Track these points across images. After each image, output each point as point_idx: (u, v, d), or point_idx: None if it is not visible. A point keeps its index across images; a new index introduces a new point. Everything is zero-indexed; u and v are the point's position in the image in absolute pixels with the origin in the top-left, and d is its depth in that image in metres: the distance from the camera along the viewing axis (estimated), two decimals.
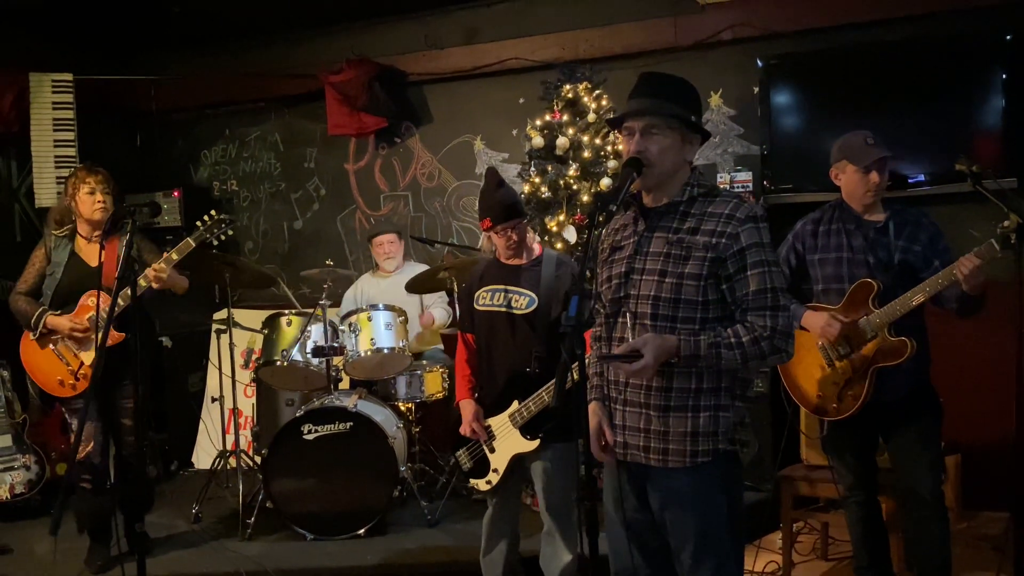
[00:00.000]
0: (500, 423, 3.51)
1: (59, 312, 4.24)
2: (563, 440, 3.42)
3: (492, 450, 3.54)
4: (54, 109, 6.02)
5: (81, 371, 4.27)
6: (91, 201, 4.23)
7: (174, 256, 4.25)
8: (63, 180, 5.94)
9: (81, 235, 4.34)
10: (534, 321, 3.45)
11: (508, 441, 3.49)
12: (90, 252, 4.29)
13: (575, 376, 2.31)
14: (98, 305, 4.03)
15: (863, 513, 3.62)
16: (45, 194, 6.04)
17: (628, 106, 2.53)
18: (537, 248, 3.62)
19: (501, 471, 3.52)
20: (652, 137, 2.45)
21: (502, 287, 3.54)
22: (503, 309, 3.51)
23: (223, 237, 4.42)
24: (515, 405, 3.45)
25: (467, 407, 3.57)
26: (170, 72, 6.88)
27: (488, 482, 3.57)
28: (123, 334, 4.15)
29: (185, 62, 6.94)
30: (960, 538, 3.99)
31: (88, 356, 4.26)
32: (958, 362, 4.01)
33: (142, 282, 4.12)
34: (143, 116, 7.04)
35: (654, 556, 2.60)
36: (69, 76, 6.06)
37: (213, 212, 4.41)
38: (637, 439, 2.48)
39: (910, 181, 4.86)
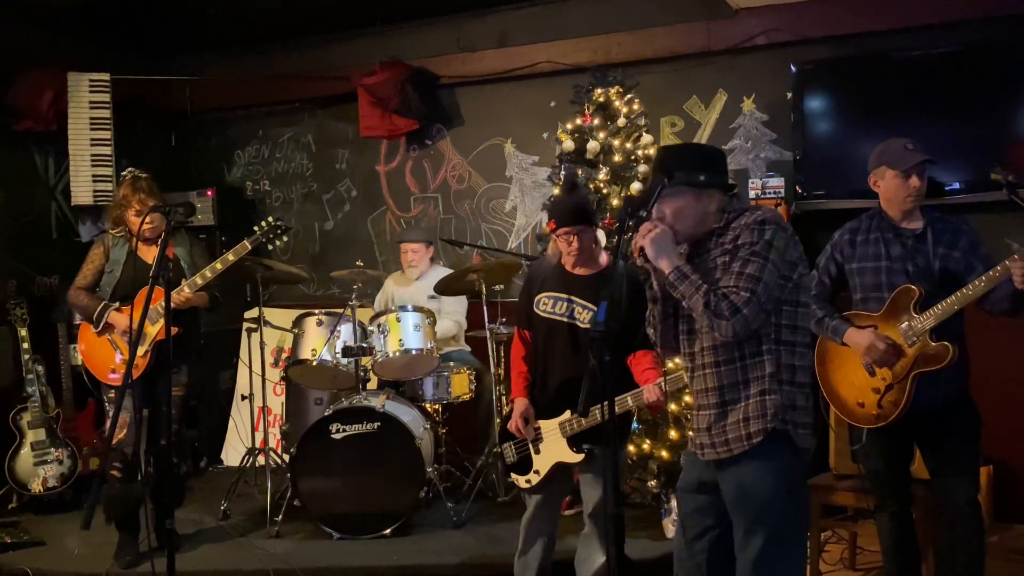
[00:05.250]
0: (550, 428, 3.52)
1: (118, 308, 4.38)
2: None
3: (537, 451, 3.55)
4: (91, 108, 6.10)
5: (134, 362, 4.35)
6: (138, 223, 4.33)
7: (230, 257, 4.39)
8: (99, 178, 6.09)
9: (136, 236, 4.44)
10: None
11: (554, 447, 3.50)
12: (147, 251, 4.47)
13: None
14: (134, 308, 4.11)
15: (895, 524, 3.57)
16: (81, 192, 6.12)
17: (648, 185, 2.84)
18: (604, 258, 3.59)
19: (542, 474, 3.54)
20: (665, 201, 2.73)
21: (565, 296, 3.52)
22: (565, 319, 3.50)
23: (278, 242, 4.56)
24: (568, 414, 3.46)
25: (519, 405, 3.59)
26: (205, 73, 6.95)
27: (528, 481, 3.58)
28: (176, 328, 4.23)
29: (220, 63, 7.02)
30: (992, 551, 3.93)
31: (141, 347, 4.35)
32: (991, 373, 3.95)
33: (208, 273, 4.35)
34: (178, 116, 7.12)
35: (713, 540, 2.85)
36: (106, 76, 6.14)
37: (270, 218, 4.56)
38: (706, 438, 2.76)
39: (946, 189, 4.80)
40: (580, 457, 3.44)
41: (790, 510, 2.68)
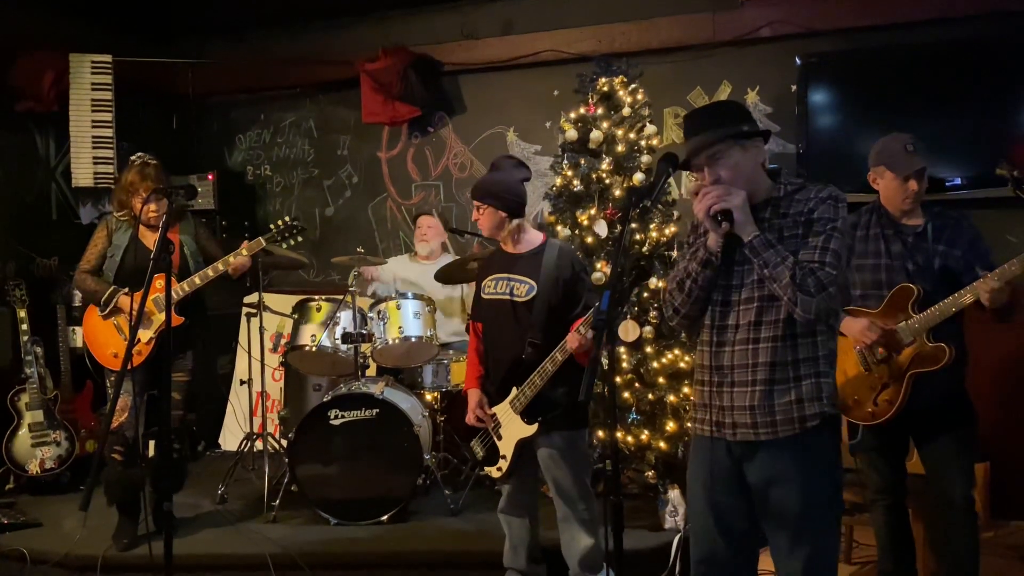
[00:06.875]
0: (503, 410, 3.60)
1: (127, 292, 4.37)
2: (568, 428, 3.52)
3: (499, 437, 3.62)
4: (93, 90, 6.08)
5: (137, 348, 4.34)
6: (145, 210, 4.35)
7: (244, 252, 4.40)
8: (100, 160, 6.06)
9: (141, 222, 4.45)
10: (532, 308, 3.52)
11: (511, 427, 3.57)
12: (150, 236, 4.45)
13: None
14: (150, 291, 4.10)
15: (890, 518, 3.59)
16: (82, 174, 6.10)
17: (686, 149, 2.67)
18: (540, 237, 3.69)
19: (509, 457, 3.60)
20: (718, 162, 2.58)
21: (505, 275, 3.63)
22: (506, 297, 3.59)
23: (292, 242, 4.58)
24: (514, 391, 3.54)
25: (472, 396, 3.69)
26: (208, 56, 6.92)
27: (499, 468, 3.65)
28: (181, 318, 4.32)
29: (223, 47, 7.00)
30: (987, 547, 3.93)
31: (146, 334, 4.36)
32: (989, 369, 3.96)
33: (220, 266, 4.39)
34: (180, 99, 7.08)
35: (739, 540, 2.68)
36: (109, 58, 6.11)
37: (287, 218, 4.60)
38: (745, 417, 2.58)
39: (947, 184, 4.80)
40: (534, 428, 3.49)
41: (834, 503, 2.61)
